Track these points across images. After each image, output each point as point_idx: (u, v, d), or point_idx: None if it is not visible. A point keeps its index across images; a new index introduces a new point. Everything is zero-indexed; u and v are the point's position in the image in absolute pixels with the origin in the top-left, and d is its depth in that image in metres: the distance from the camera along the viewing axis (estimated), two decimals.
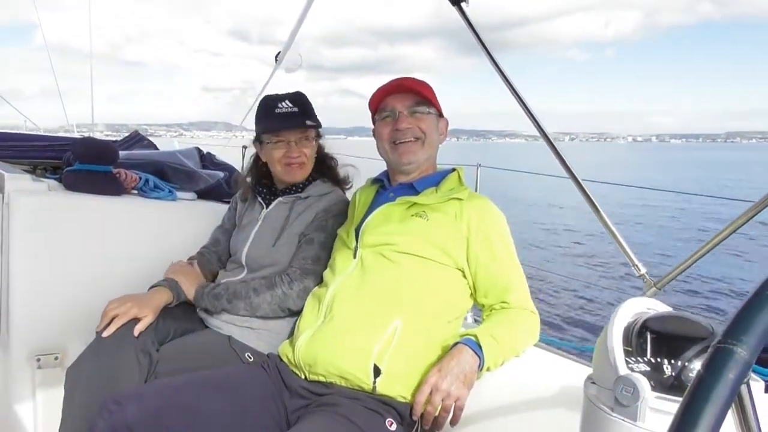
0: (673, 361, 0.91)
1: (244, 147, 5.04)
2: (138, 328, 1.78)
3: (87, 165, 2.35)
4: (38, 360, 2.19)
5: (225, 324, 1.94)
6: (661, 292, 1.84)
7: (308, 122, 2.00)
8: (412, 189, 1.81)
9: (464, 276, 1.70)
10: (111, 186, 2.39)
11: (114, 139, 3.28)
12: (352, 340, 1.57)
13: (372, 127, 1.89)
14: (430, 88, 1.80)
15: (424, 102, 1.79)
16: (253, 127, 2.16)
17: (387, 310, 1.61)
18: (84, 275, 2.27)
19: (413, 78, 1.81)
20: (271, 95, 2.05)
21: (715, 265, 10.58)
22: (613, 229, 2.02)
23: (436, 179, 1.83)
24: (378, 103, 1.83)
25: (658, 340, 0.93)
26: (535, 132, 2.04)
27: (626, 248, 1.93)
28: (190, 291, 1.99)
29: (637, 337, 0.95)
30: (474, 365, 1.48)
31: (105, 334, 1.77)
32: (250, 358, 1.88)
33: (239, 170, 3.09)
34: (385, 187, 1.91)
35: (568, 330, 7.32)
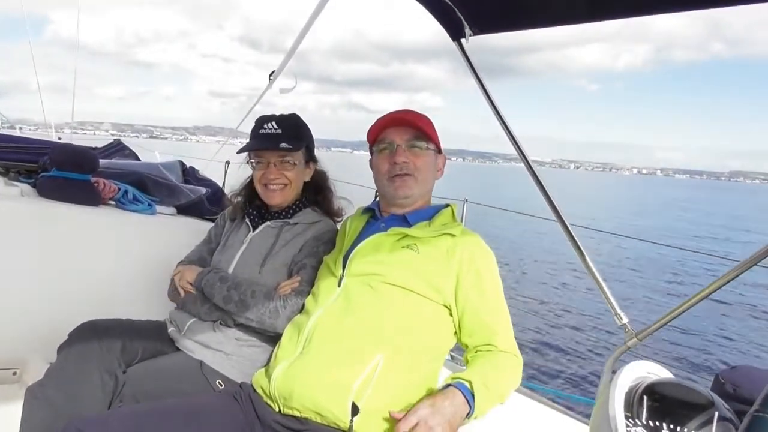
0: (672, 427, 0.88)
1: (227, 162, 4.99)
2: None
3: (64, 172, 2.27)
4: None
5: (197, 347, 1.86)
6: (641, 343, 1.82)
7: (283, 144, 1.92)
8: (404, 221, 1.78)
9: (450, 314, 1.65)
10: (88, 195, 2.31)
11: (93, 146, 3.20)
12: (331, 375, 1.50)
13: (370, 157, 1.87)
14: (431, 123, 1.78)
15: (423, 137, 1.76)
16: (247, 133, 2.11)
17: (369, 344, 1.55)
18: (51, 287, 2.18)
19: (414, 111, 1.78)
20: (265, 115, 2.01)
21: (696, 318, 10.58)
22: (597, 275, 2.00)
23: (429, 213, 1.80)
24: (377, 134, 1.80)
25: (659, 405, 0.90)
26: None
27: (609, 296, 1.91)
28: (193, 273, 1.95)
29: (638, 402, 0.92)
30: (463, 413, 1.42)
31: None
32: (221, 385, 1.80)
33: (221, 187, 3.04)
34: (376, 217, 1.87)
35: (549, 375, 7.25)
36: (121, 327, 1.89)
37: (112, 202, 2.45)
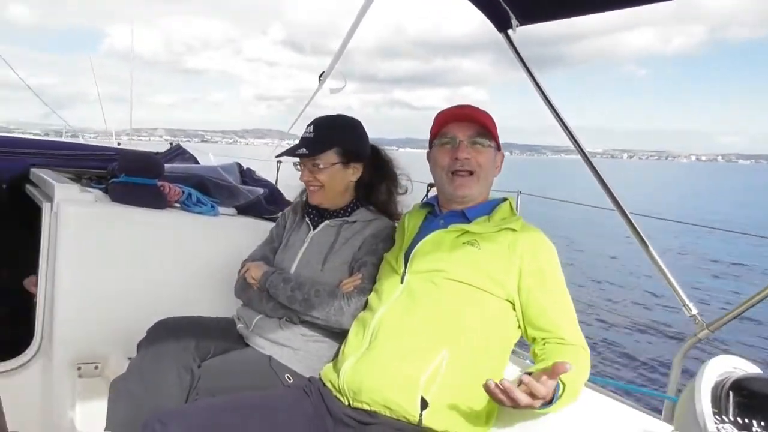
0: (763, 424, 0.88)
1: (279, 161, 5.11)
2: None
3: (133, 178, 2.39)
4: (79, 368, 2.21)
5: (266, 343, 1.94)
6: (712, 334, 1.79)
7: (301, 150, 1.96)
8: (463, 217, 1.79)
9: (513, 308, 1.67)
10: (155, 199, 2.42)
11: (156, 151, 3.34)
12: (398, 370, 1.54)
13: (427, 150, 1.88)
14: (493, 120, 1.78)
15: (486, 134, 1.77)
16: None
17: (434, 339, 1.59)
18: (126, 287, 2.30)
19: (477, 108, 1.78)
20: (315, 118, 2.06)
21: None
22: (662, 265, 1.97)
23: (487, 208, 1.81)
24: (439, 128, 1.80)
25: (748, 401, 0.90)
26: (593, 149, 2.02)
27: (676, 287, 1.88)
28: (259, 271, 2.00)
29: (726, 397, 0.92)
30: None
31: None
32: (290, 379, 1.87)
33: (278, 187, 3.12)
34: (434, 213, 1.89)
35: (614, 368, 7.11)
36: (194, 324, 1.99)
37: (177, 205, 2.55)
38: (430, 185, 4.16)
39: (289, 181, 3.60)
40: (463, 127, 1.76)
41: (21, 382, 2.23)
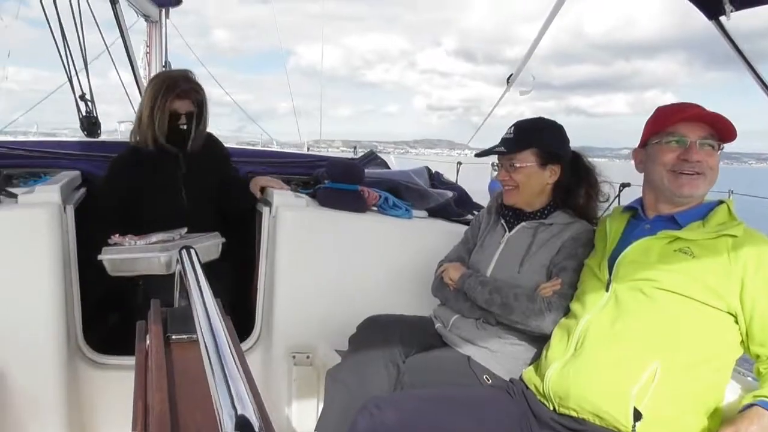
0: None
1: (459, 163, 5.24)
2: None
3: (338, 184, 2.60)
4: (294, 357, 2.46)
5: (463, 342, 2.00)
6: None
7: (499, 148, 2.01)
8: (672, 222, 1.69)
9: (735, 321, 1.54)
10: (357, 203, 2.61)
11: (352, 157, 3.59)
12: (609, 379, 1.52)
13: (634, 147, 1.81)
14: (725, 121, 1.65)
15: (716, 137, 1.66)
16: (477, 147, 2.20)
17: (644, 350, 1.53)
18: (332, 284, 2.52)
19: (707, 109, 1.67)
20: (519, 120, 2.09)
21: None
22: None
23: (701, 212, 1.68)
24: (662, 126, 1.70)
25: None
26: None
27: None
28: (457, 273, 2.08)
29: None
30: None
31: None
32: (488, 380, 1.91)
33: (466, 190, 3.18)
34: (638, 217, 1.81)
35: None
36: (399, 322, 2.12)
37: (375, 208, 2.72)
38: (623, 185, 3.96)
39: (468, 185, 3.66)
40: (695, 128, 1.64)
41: None
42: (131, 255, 2.10)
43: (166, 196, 2.61)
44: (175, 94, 2.49)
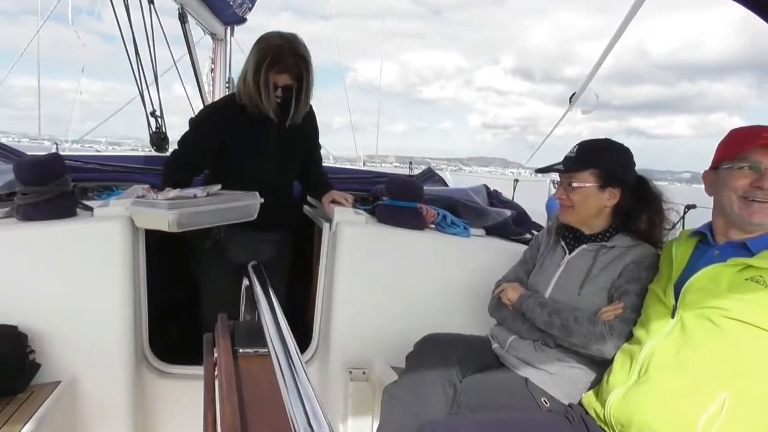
0: None
1: (516, 180, 5.20)
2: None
3: (397, 201, 2.63)
4: (350, 372, 2.49)
5: (521, 364, 1.98)
6: None
7: (559, 166, 2.01)
8: (744, 249, 1.64)
9: None
10: (415, 221, 2.63)
11: (409, 173, 3.62)
12: (674, 408, 1.48)
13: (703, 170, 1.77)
14: None
15: None
16: (535, 166, 2.19)
17: (712, 380, 1.48)
18: (389, 301, 2.54)
19: None
20: (585, 139, 2.07)
21: None
22: None
23: None
24: (737, 150, 1.66)
25: None
26: None
27: None
28: (515, 293, 2.07)
29: None
30: None
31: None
32: (546, 403, 1.88)
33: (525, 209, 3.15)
34: (706, 243, 1.76)
35: None
36: (457, 341, 2.12)
37: (433, 226, 2.73)
38: (688, 207, 3.83)
39: (525, 202, 3.62)
40: None
41: None
42: (144, 208, 2.15)
43: (253, 161, 2.60)
44: (276, 69, 2.45)
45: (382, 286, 2.54)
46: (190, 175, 2.63)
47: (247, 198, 2.36)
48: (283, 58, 2.44)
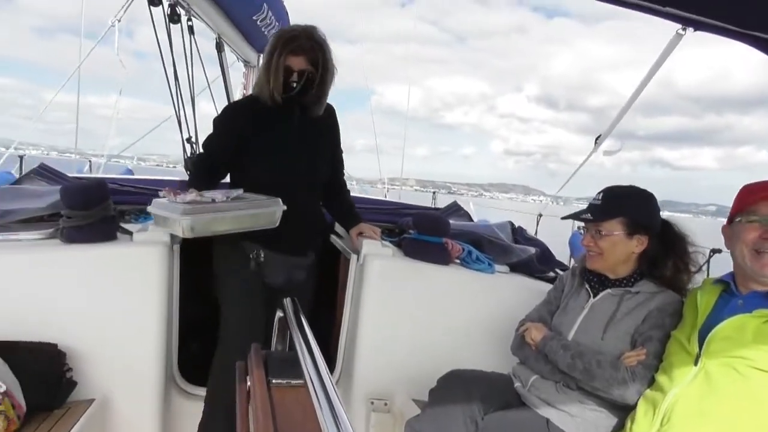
0: None
1: (540, 215, 5.22)
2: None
3: (425, 236, 2.69)
4: (372, 403, 2.53)
5: (542, 404, 2.00)
6: None
7: (586, 215, 2.03)
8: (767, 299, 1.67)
9: None
10: (441, 256, 2.68)
11: (434, 206, 3.67)
12: None
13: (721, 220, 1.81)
14: None
15: None
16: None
17: (735, 429, 1.50)
18: (413, 334, 2.58)
19: None
20: (609, 186, 2.11)
21: None
22: None
23: None
24: (746, 204, 1.71)
25: None
26: None
27: None
28: (539, 334, 2.09)
29: None
30: None
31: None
32: None
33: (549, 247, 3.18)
34: (730, 292, 1.79)
35: None
36: (480, 378, 2.15)
37: (458, 261, 2.78)
38: (713, 251, 3.83)
39: (548, 237, 3.65)
40: None
41: None
42: (159, 211, 2.12)
43: (275, 158, 2.42)
44: (289, 49, 2.30)
45: (406, 319, 2.58)
46: (216, 176, 2.53)
47: (270, 204, 2.23)
48: (298, 40, 2.32)
